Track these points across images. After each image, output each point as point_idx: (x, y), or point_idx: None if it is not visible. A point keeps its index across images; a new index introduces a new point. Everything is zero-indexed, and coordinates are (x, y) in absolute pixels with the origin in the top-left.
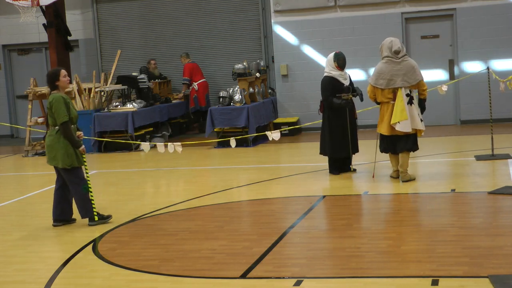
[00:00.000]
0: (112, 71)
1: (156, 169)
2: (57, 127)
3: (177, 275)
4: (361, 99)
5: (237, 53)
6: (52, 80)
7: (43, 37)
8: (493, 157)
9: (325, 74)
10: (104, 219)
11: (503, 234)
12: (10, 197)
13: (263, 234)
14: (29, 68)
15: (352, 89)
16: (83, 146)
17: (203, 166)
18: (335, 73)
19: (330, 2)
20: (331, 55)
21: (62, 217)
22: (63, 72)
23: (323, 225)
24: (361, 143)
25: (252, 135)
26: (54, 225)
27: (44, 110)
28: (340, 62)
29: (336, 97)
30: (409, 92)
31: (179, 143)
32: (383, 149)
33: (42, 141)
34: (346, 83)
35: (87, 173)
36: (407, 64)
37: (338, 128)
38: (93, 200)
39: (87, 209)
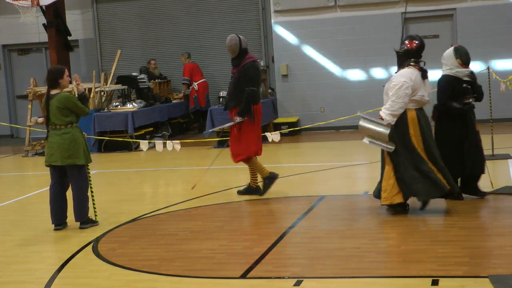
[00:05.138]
0: (112, 71)
1: (156, 169)
2: (68, 126)
3: (177, 275)
4: (479, 99)
5: None
6: (56, 78)
7: (43, 37)
8: (493, 157)
9: (444, 72)
10: (93, 222)
11: (503, 234)
12: (10, 197)
13: (263, 234)
14: (29, 68)
15: (473, 88)
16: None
17: (203, 166)
18: (460, 70)
19: (330, 2)
20: (450, 51)
21: (64, 220)
22: (67, 71)
23: (323, 225)
24: None
25: None
26: (56, 229)
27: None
28: (464, 58)
29: (457, 101)
30: None
31: (178, 141)
32: None
33: (43, 141)
34: (469, 82)
35: (89, 172)
36: None
37: (454, 139)
38: (94, 201)
39: (85, 211)
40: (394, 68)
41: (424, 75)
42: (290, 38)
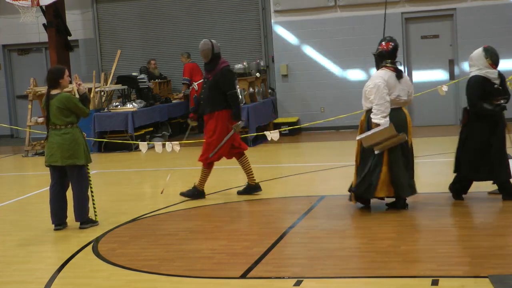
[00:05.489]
0: (112, 71)
1: (156, 169)
2: (69, 126)
3: (177, 275)
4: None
5: (237, 53)
6: (57, 78)
7: (43, 37)
8: None
9: (473, 73)
10: (93, 222)
11: (503, 234)
12: (10, 197)
13: (263, 234)
14: (29, 68)
15: (504, 89)
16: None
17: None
18: (490, 71)
19: (330, 2)
20: (479, 51)
21: (64, 220)
22: (67, 71)
23: (323, 225)
24: None
25: (252, 134)
26: (56, 229)
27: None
28: (494, 58)
29: (488, 102)
30: None
31: (177, 142)
32: None
33: (43, 141)
34: (498, 83)
35: (88, 172)
36: None
37: (484, 141)
38: (94, 201)
39: (85, 211)
40: None
41: (398, 75)
42: (290, 38)
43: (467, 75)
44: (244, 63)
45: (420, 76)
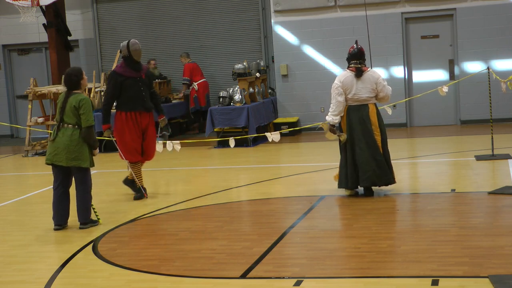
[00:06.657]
0: None
1: (156, 169)
2: (76, 127)
3: (177, 275)
4: None
5: (237, 53)
6: (79, 79)
7: (43, 37)
8: (493, 157)
9: None
10: (93, 222)
11: (503, 234)
12: (10, 197)
13: (263, 234)
14: (29, 68)
15: None
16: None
17: (203, 166)
18: None
19: (330, 2)
20: None
21: (65, 220)
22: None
23: (323, 225)
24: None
25: (252, 135)
26: (56, 229)
27: (44, 110)
28: None
29: None
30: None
31: (178, 142)
32: None
33: (43, 141)
34: None
35: None
36: None
37: None
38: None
39: (88, 212)
40: (395, 68)
41: (357, 75)
42: (290, 38)
43: (467, 75)
44: (244, 63)
45: (420, 76)
